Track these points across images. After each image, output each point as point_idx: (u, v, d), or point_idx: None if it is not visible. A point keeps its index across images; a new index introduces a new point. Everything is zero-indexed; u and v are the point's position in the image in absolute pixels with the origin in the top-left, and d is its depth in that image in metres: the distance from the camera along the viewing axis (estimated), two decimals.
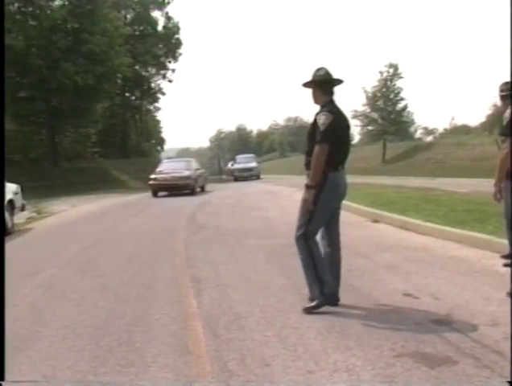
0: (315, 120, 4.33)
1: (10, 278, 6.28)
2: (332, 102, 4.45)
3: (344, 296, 4.68)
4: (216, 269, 6.13)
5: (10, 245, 9.26)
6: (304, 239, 4.33)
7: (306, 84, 4.52)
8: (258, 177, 34.77)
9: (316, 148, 4.23)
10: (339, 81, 4.52)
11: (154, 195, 20.23)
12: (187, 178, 20.45)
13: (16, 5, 31.97)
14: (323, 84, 4.43)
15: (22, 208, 12.12)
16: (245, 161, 36.84)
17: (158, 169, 22.00)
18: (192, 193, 20.14)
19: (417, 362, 3.22)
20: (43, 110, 32.29)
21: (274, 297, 4.52)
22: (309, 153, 4.32)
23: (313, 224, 4.33)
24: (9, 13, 31.64)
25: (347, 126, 4.56)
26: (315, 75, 4.46)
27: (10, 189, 11.33)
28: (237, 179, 34.44)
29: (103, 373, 3.26)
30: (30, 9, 31.57)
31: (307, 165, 4.38)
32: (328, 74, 4.45)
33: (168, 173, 20.74)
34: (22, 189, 12.21)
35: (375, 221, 9.62)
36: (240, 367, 3.26)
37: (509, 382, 2.96)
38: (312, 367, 3.21)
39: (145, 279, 5.82)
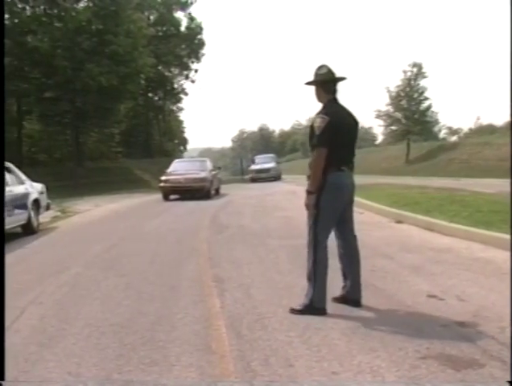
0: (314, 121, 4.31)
1: (36, 276, 6.40)
2: (334, 101, 4.39)
3: (368, 297, 4.66)
4: (239, 269, 6.13)
5: (35, 244, 9.41)
6: (314, 245, 4.27)
7: (309, 84, 4.47)
8: (276, 178, 33.17)
9: (314, 152, 4.22)
10: (341, 79, 4.44)
11: (165, 198, 18.38)
12: (203, 180, 18.58)
13: (42, 7, 32.44)
14: (325, 83, 4.38)
15: (47, 207, 12.28)
16: (262, 161, 35.36)
17: (169, 170, 20.12)
18: (207, 196, 18.33)
19: (442, 364, 3.18)
20: (67, 110, 32.68)
21: (298, 297, 4.49)
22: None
23: (320, 228, 4.26)
24: (34, 15, 32.16)
25: (351, 125, 4.47)
26: (316, 74, 4.40)
27: (36, 188, 11.49)
28: (254, 180, 32.89)
29: (127, 371, 3.28)
30: (56, 11, 31.97)
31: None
32: (330, 72, 4.38)
33: (181, 174, 18.87)
34: (47, 188, 12.36)
35: (398, 222, 9.54)
36: (263, 367, 3.25)
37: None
38: (336, 368, 3.19)
39: (168, 278, 5.85)
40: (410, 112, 46.96)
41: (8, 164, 11.02)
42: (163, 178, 18.82)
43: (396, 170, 40.07)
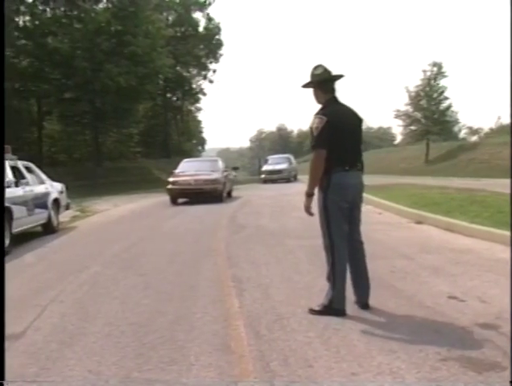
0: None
1: (57, 275, 6.47)
2: (333, 100, 4.31)
3: (388, 298, 4.64)
4: (258, 269, 6.13)
5: (56, 243, 9.50)
6: (331, 248, 4.21)
7: (306, 86, 4.39)
8: (288, 180, 31.03)
9: (312, 154, 4.17)
10: (338, 77, 4.34)
11: (173, 201, 16.62)
12: (215, 181, 16.78)
13: (62, 9, 32.79)
14: (322, 83, 4.29)
15: (67, 207, 12.39)
16: (275, 162, 33.53)
17: (177, 170, 18.17)
18: (220, 199, 16.56)
19: (463, 366, 3.14)
20: (87, 111, 33.04)
21: (317, 297, 4.47)
22: None
23: (334, 230, 4.20)
24: (55, 16, 32.53)
25: (354, 124, 4.35)
26: (313, 75, 4.31)
27: (56, 188, 11.61)
28: (265, 182, 31.20)
29: (147, 370, 3.29)
30: (76, 12, 32.31)
31: None
32: (326, 71, 4.29)
33: (191, 175, 17.00)
34: (67, 188, 12.48)
35: (418, 222, 9.46)
36: (283, 367, 3.24)
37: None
38: (356, 369, 3.17)
39: (187, 278, 5.87)
40: (430, 111, 46.57)
41: (29, 164, 11.16)
42: (171, 179, 17.01)
43: (415, 171, 39.77)
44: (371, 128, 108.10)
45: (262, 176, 32.51)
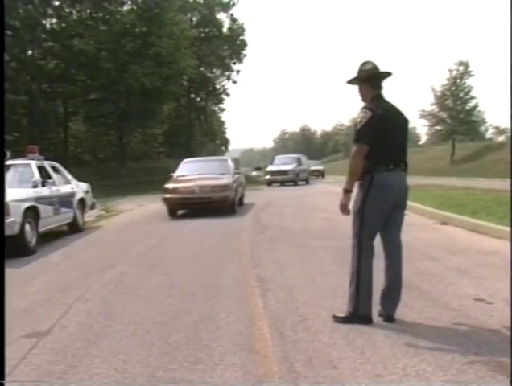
0: None
1: (82, 274, 6.54)
2: (380, 97, 4.14)
3: (413, 299, 4.59)
4: (282, 270, 6.12)
5: (81, 242, 9.62)
6: (359, 249, 4.02)
7: (352, 81, 4.23)
8: (295, 182, 28.37)
9: (352, 148, 4.00)
10: (387, 74, 4.19)
11: (172, 214, 12.93)
12: (226, 187, 12.85)
13: (88, 11, 33.18)
14: (371, 79, 4.12)
15: (92, 206, 12.54)
16: (281, 162, 30.45)
17: (176, 173, 14.48)
18: (231, 210, 12.94)
19: (492, 370, 3.09)
20: (112, 112, 33.35)
21: (341, 298, 4.45)
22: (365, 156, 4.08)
23: (366, 231, 4.02)
24: (81, 19, 32.95)
25: (400, 122, 4.19)
26: (360, 71, 4.15)
27: (81, 188, 11.75)
28: (269, 184, 28.73)
29: (172, 369, 3.31)
30: (101, 14, 32.67)
31: None
32: (375, 67, 4.14)
33: (195, 180, 13.16)
34: (92, 188, 12.62)
35: (444, 223, 9.35)
36: (307, 368, 3.23)
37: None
38: (381, 371, 3.15)
39: (211, 278, 5.88)
40: (456, 111, 46.13)
41: (55, 164, 11.32)
42: (169, 185, 13.10)
43: (441, 171, 39.37)
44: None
45: (267, 177, 30.11)
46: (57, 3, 32.60)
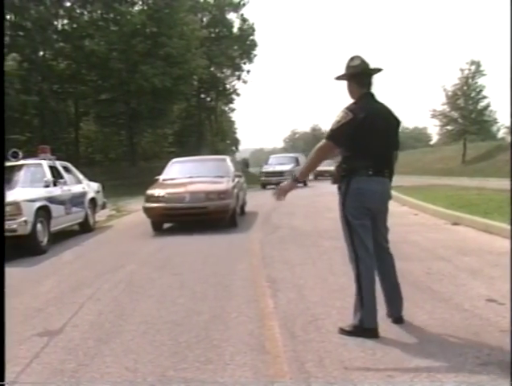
0: None
1: (93, 273, 6.57)
2: (368, 96, 3.92)
3: (424, 300, 4.57)
4: (292, 270, 6.11)
5: (92, 241, 9.66)
6: (355, 260, 3.80)
7: (340, 78, 4.00)
8: None
9: (320, 143, 3.87)
10: (376, 71, 3.97)
11: (156, 227, 10.39)
12: (224, 194, 10.19)
13: (99, 11, 33.34)
14: (358, 76, 3.89)
15: (103, 206, 12.60)
16: (277, 162, 27.65)
17: (163, 176, 11.81)
18: (232, 223, 10.51)
19: (505, 371, 3.07)
20: (122, 112, 33.52)
21: (352, 299, 4.44)
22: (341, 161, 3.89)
23: (357, 241, 3.79)
24: (92, 19, 33.11)
25: (387, 125, 3.92)
26: (348, 67, 3.93)
27: (92, 187, 11.81)
28: (264, 186, 25.62)
29: (183, 369, 3.32)
30: (112, 15, 32.80)
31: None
32: (364, 63, 3.90)
33: (184, 185, 10.51)
34: (103, 187, 12.67)
35: (455, 224, 9.30)
36: (318, 368, 3.22)
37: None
38: (392, 372, 3.13)
39: (221, 278, 5.88)
40: (468, 111, 45.90)
41: (66, 164, 11.39)
42: (152, 191, 10.49)
43: (452, 171, 39.19)
44: (406, 128, 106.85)
45: (261, 179, 27.08)
46: (68, 4, 32.79)
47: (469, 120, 45.57)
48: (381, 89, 4.15)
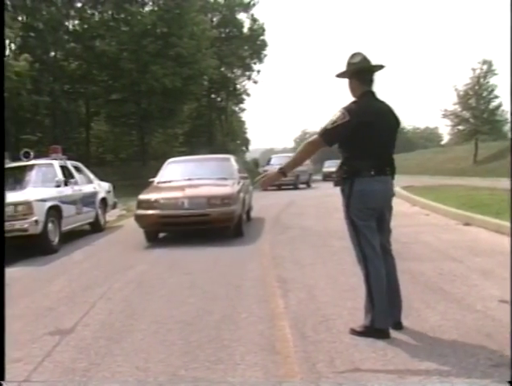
0: None
1: (104, 272, 6.60)
2: (369, 95, 3.85)
3: (436, 301, 4.55)
4: (303, 270, 6.10)
5: (103, 241, 9.71)
6: (363, 260, 3.79)
7: (340, 75, 3.93)
8: (296, 186, 24.62)
9: (312, 138, 3.88)
10: (378, 67, 3.89)
11: (149, 238, 9.06)
12: (229, 199, 8.82)
13: (110, 12, 33.47)
14: (359, 73, 3.82)
15: (114, 206, 12.65)
16: (278, 162, 24.51)
17: (158, 178, 10.49)
18: (237, 232, 9.11)
19: None
20: (133, 112, 33.61)
21: (363, 299, 4.42)
22: (342, 162, 3.87)
23: (363, 241, 3.77)
24: (103, 20, 33.25)
25: (388, 124, 3.87)
26: (349, 64, 3.85)
27: (103, 187, 11.85)
28: (265, 188, 22.31)
29: (193, 368, 3.32)
30: (123, 15, 32.91)
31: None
32: (365, 60, 3.83)
33: (183, 188, 9.19)
34: (113, 187, 12.72)
35: (467, 224, 9.24)
36: (328, 369, 3.21)
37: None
38: (403, 373, 3.12)
39: (232, 278, 5.88)
40: (479, 111, 45.60)
41: (77, 163, 11.46)
42: (145, 197, 9.25)
43: (463, 171, 38.97)
44: (417, 128, 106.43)
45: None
46: (79, 5, 32.94)
47: (481, 119, 45.27)
48: (392, 89, 4.12)
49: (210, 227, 8.84)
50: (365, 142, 3.72)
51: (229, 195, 8.88)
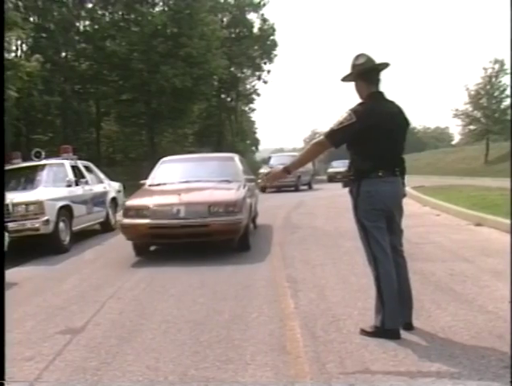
0: None
1: (114, 272, 6.63)
2: (377, 95, 3.82)
3: (447, 301, 4.53)
4: (313, 270, 6.09)
5: (113, 241, 9.72)
6: (374, 261, 3.76)
7: (346, 79, 3.90)
8: (297, 187, 23.24)
9: (317, 139, 3.88)
10: (384, 66, 3.84)
11: (139, 251, 7.80)
12: (233, 206, 7.39)
13: (120, 12, 33.59)
14: (366, 74, 3.78)
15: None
16: (278, 162, 22.78)
17: (150, 181, 9.24)
18: (243, 245, 7.73)
19: None
20: (143, 112, 33.68)
21: (373, 300, 4.40)
22: (350, 163, 3.89)
23: (373, 242, 3.75)
24: (113, 20, 33.37)
25: (397, 124, 3.82)
26: (354, 65, 3.81)
27: (114, 187, 11.89)
28: (263, 189, 19.86)
29: (204, 368, 3.32)
30: (133, 16, 33.02)
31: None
32: (370, 60, 3.79)
33: (178, 193, 7.78)
34: (124, 187, 12.75)
35: (478, 224, 9.18)
36: (339, 369, 3.21)
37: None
38: (414, 374, 3.11)
39: (242, 278, 5.89)
40: (491, 110, 45.36)
41: (88, 163, 11.50)
42: (133, 203, 7.95)
43: (474, 171, 38.76)
44: (428, 128, 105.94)
45: (259, 181, 18.16)
46: (90, 6, 33.07)
47: (492, 119, 45.03)
48: (403, 88, 4.08)
49: (211, 240, 7.44)
50: (372, 143, 3.69)
51: (234, 201, 7.40)
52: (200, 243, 7.57)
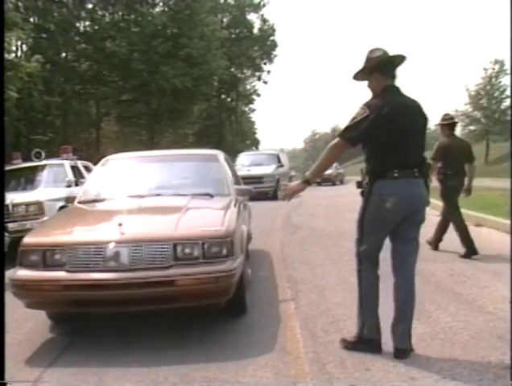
0: None
1: None
2: (393, 89, 3.56)
3: (447, 302, 4.54)
4: (313, 271, 6.09)
5: None
6: (358, 263, 3.63)
7: (359, 74, 3.66)
8: (275, 192, 17.46)
9: (333, 141, 3.58)
10: (401, 58, 3.59)
11: (56, 320, 4.42)
12: (220, 244, 3.85)
13: (120, 13, 33.62)
14: (382, 66, 3.52)
15: None
16: (251, 162, 19.20)
17: (81, 193, 5.51)
18: (238, 305, 4.34)
19: None
20: (143, 112, 33.73)
21: None
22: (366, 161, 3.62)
23: (363, 246, 3.55)
24: (113, 21, 33.40)
25: (414, 120, 3.53)
26: (368, 59, 3.56)
27: None
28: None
29: (205, 368, 3.33)
30: (133, 16, 33.05)
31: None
32: (386, 53, 3.56)
33: (122, 218, 4.19)
34: None
35: (478, 225, 9.18)
36: (339, 369, 3.22)
37: None
38: (415, 374, 3.12)
39: None
40: (491, 111, 45.40)
41: (88, 163, 11.50)
42: (38, 239, 4.17)
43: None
44: (428, 128, 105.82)
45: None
46: (90, 6, 33.10)
47: (492, 120, 45.09)
48: (402, 89, 3.97)
49: (178, 305, 3.94)
50: (387, 140, 3.41)
51: (221, 235, 3.97)
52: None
